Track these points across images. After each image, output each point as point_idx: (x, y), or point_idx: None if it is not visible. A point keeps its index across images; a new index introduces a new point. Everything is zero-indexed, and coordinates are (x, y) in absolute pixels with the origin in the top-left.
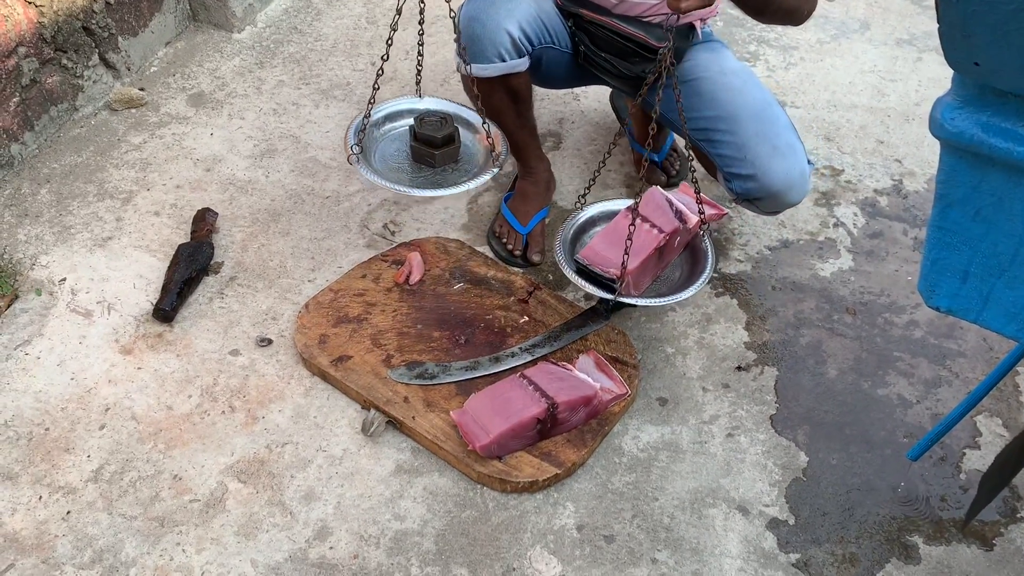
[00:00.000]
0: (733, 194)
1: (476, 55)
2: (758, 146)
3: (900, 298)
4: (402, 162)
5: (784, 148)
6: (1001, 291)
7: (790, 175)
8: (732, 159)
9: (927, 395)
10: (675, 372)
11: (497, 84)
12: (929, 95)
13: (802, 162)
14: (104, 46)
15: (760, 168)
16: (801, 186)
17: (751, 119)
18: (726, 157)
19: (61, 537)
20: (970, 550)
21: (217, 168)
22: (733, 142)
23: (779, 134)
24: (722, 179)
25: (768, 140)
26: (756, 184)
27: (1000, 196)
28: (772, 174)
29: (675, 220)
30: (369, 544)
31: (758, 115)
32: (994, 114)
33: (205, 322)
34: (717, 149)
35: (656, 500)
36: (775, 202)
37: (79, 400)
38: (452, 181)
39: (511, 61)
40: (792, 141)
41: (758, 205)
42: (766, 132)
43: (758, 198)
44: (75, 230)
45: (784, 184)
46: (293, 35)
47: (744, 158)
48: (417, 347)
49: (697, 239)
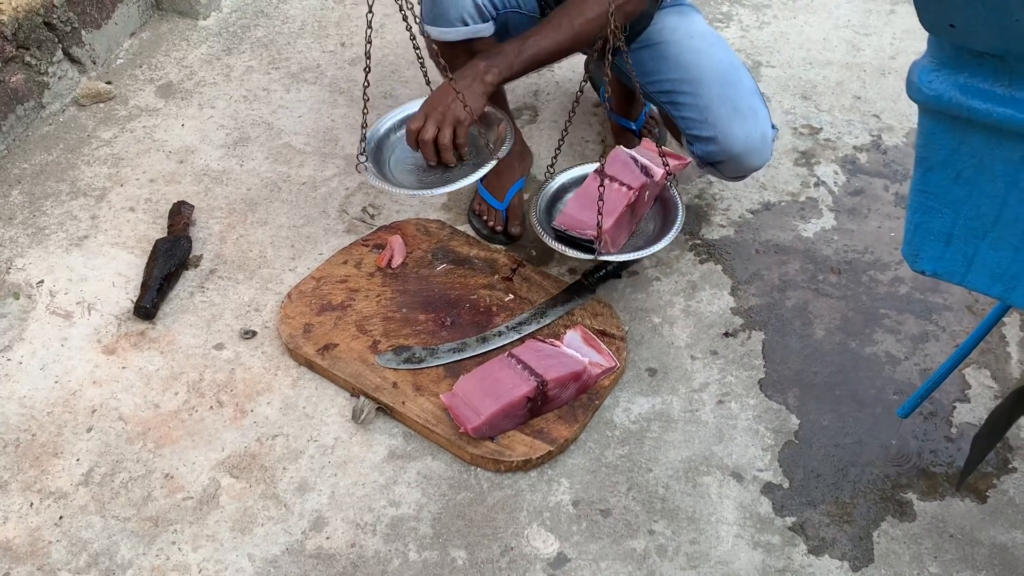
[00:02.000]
0: (696, 158)
1: (437, 18)
2: (719, 108)
3: (884, 255)
4: (411, 165)
5: (746, 111)
6: (985, 253)
7: (751, 137)
8: (694, 121)
9: (915, 351)
10: (663, 342)
11: (461, 50)
12: (904, 48)
13: (764, 126)
14: (67, 41)
15: (721, 130)
16: (762, 150)
17: (714, 82)
18: (688, 119)
19: (55, 543)
20: (964, 504)
21: (190, 159)
22: (695, 104)
23: (742, 97)
24: (685, 143)
25: (730, 102)
26: (717, 147)
27: (980, 158)
28: (732, 136)
29: (642, 175)
30: (365, 532)
31: (721, 78)
32: (971, 75)
33: (187, 317)
34: (680, 112)
35: (650, 471)
36: (736, 165)
37: (64, 403)
38: (459, 175)
39: (474, 26)
40: (755, 105)
41: (720, 169)
42: (728, 95)
43: (719, 161)
44: (50, 231)
45: (744, 147)
46: (260, 19)
47: (705, 120)
48: (403, 331)
49: (666, 191)
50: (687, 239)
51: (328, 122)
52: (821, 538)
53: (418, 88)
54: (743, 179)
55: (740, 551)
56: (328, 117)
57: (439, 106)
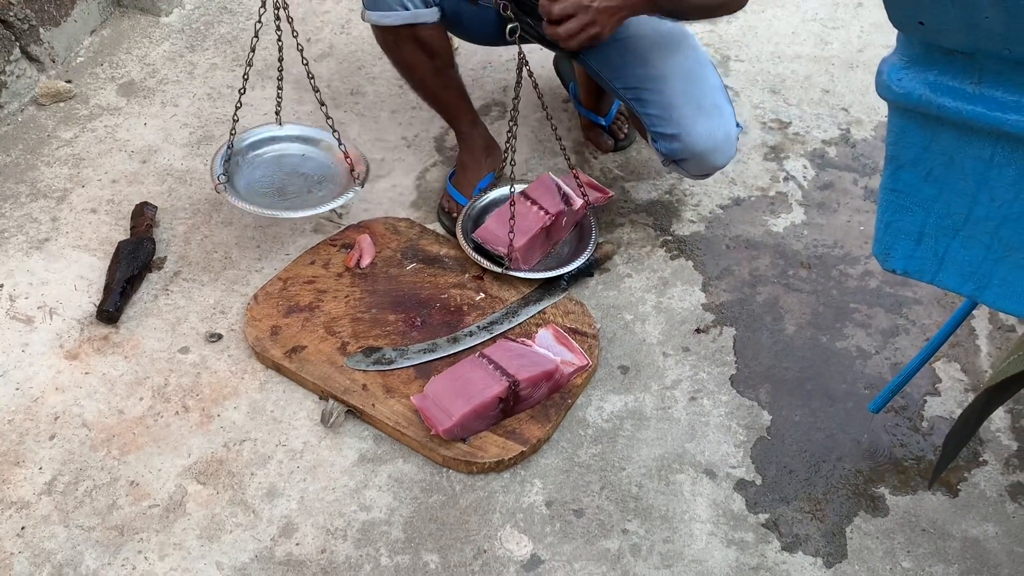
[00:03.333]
0: (660, 155)
1: (376, 2)
2: (684, 106)
3: (854, 249)
4: (267, 188)
5: (710, 108)
6: (956, 251)
7: (714, 136)
8: (658, 118)
9: (885, 345)
10: (635, 339)
11: (405, 35)
12: (872, 40)
13: (728, 124)
14: (25, 39)
15: (684, 128)
16: (726, 148)
17: (679, 78)
18: (653, 116)
19: (17, 554)
20: (936, 498)
21: (153, 159)
22: (660, 101)
23: (706, 94)
24: (650, 140)
25: (694, 100)
26: (680, 144)
27: (951, 156)
28: (696, 134)
29: (561, 203)
30: (336, 537)
31: (687, 75)
32: (941, 73)
33: (151, 320)
34: (645, 108)
35: (623, 470)
36: (700, 164)
37: (26, 411)
38: (315, 202)
39: (415, 10)
40: (719, 102)
41: (684, 167)
42: (693, 92)
43: (683, 159)
44: (9, 233)
45: (708, 145)
46: (223, 15)
47: (670, 118)
48: (373, 332)
49: (585, 219)
50: (658, 235)
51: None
52: (794, 535)
53: (385, 84)
54: (708, 177)
55: (714, 549)
56: (294, 115)
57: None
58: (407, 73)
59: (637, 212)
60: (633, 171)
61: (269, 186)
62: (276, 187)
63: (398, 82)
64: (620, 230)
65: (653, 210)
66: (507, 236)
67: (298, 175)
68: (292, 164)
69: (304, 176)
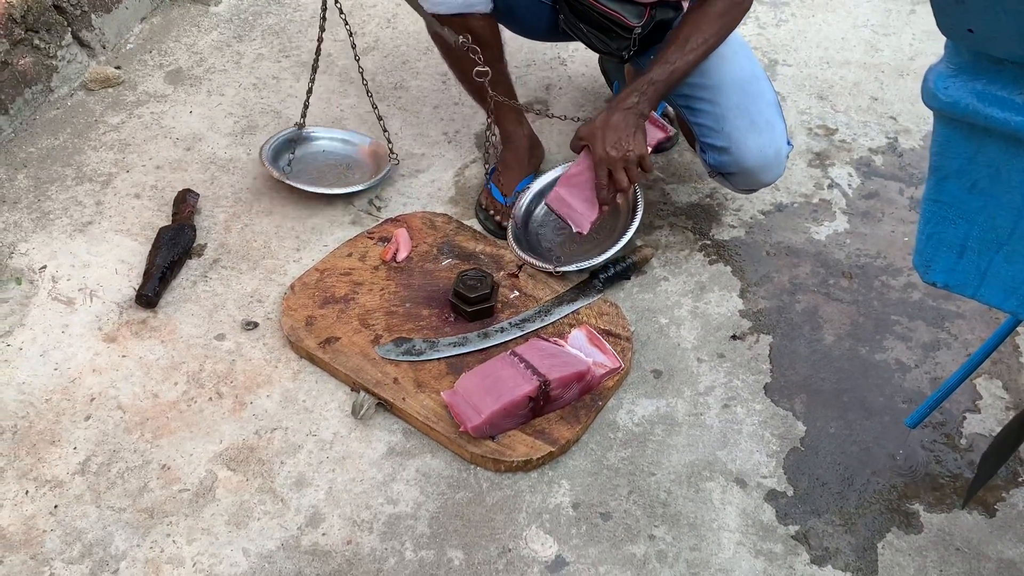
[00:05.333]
0: (708, 166)
1: None
2: (736, 119)
3: (897, 260)
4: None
5: (762, 124)
6: (999, 266)
7: (764, 152)
8: (709, 129)
9: (926, 359)
10: (669, 343)
11: (457, 25)
12: (923, 49)
13: (779, 141)
14: (77, 24)
15: (735, 141)
16: (775, 166)
17: (733, 90)
18: (704, 127)
19: (49, 532)
20: (972, 517)
21: (197, 147)
22: (712, 112)
23: (760, 109)
24: (699, 149)
25: (747, 114)
26: (729, 158)
27: (997, 167)
28: (746, 149)
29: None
30: (362, 529)
31: (741, 87)
32: (989, 82)
33: (189, 306)
34: (696, 118)
35: (652, 475)
36: (748, 179)
37: (63, 391)
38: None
39: None
40: (772, 119)
41: (731, 180)
42: (747, 106)
43: (731, 172)
44: (54, 216)
45: (757, 161)
46: (271, 6)
47: (721, 130)
48: (406, 326)
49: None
50: (697, 239)
51: (337, 112)
52: (824, 548)
53: (428, 79)
54: (753, 192)
55: (741, 559)
56: (337, 107)
57: (614, 152)
58: (455, 65)
59: (676, 215)
60: (674, 173)
61: (309, 177)
62: (316, 177)
63: (441, 77)
64: (658, 232)
65: (693, 213)
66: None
67: (326, 164)
68: (319, 158)
69: (332, 165)
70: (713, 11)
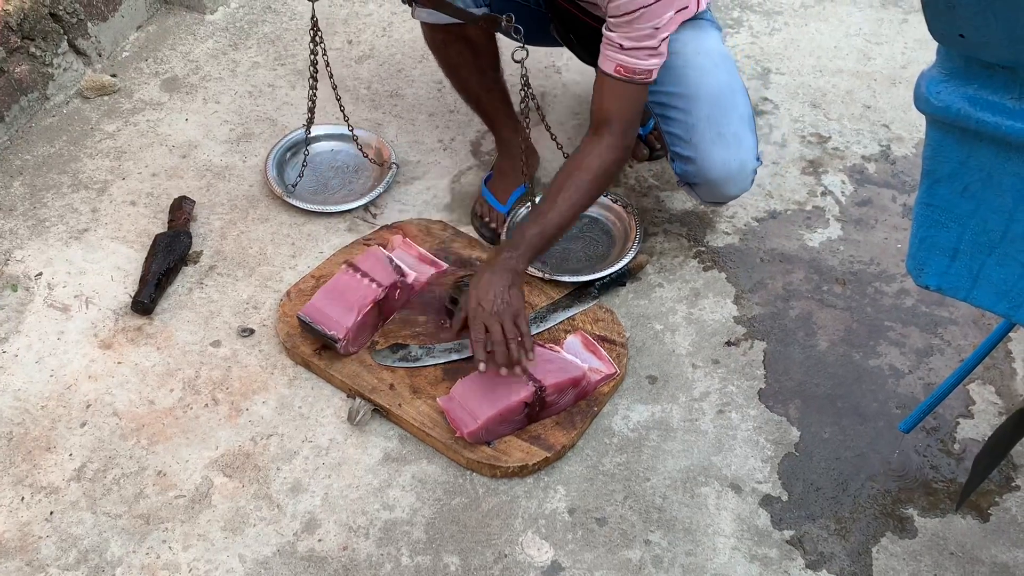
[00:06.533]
0: (676, 175)
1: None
2: (705, 130)
3: (890, 266)
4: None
5: (729, 137)
6: (991, 269)
7: (728, 165)
8: (678, 138)
9: (919, 364)
10: (664, 349)
11: (454, 34)
12: (916, 57)
13: (746, 155)
14: (73, 32)
15: (701, 152)
16: (740, 180)
17: (706, 101)
18: (673, 136)
19: (45, 538)
20: (965, 521)
21: (193, 154)
22: (683, 121)
23: (730, 122)
24: (669, 158)
25: (716, 126)
26: (694, 168)
27: (989, 172)
28: (710, 161)
29: (393, 274)
30: (358, 535)
31: (715, 99)
32: (981, 87)
33: (185, 313)
34: (668, 126)
35: (648, 480)
36: (712, 190)
37: (59, 397)
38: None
39: (467, 9)
40: (741, 132)
41: (697, 191)
42: (717, 117)
43: (696, 183)
44: (50, 223)
45: (721, 173)
46: (267, 14)
47: (689, 140)
48: (402, 332)
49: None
50: (691, 245)
51: (333, 120)
52: (819, 553)
53: (424, 87)
54: (721, 205)
55: (737, 564)
56: (333, 115)
57: (489, 309)
58: (452, 74)
59: (671, 222)
60: (668, 180)
61: (314, 184)
62: (320, 184)
63: (436, 85)
64: (653, 240)
65: (687, 220)
66: (337, 315)
67: (333, 169)
68: (327, 161)
69: (339, 169)
70: (586, 163)
